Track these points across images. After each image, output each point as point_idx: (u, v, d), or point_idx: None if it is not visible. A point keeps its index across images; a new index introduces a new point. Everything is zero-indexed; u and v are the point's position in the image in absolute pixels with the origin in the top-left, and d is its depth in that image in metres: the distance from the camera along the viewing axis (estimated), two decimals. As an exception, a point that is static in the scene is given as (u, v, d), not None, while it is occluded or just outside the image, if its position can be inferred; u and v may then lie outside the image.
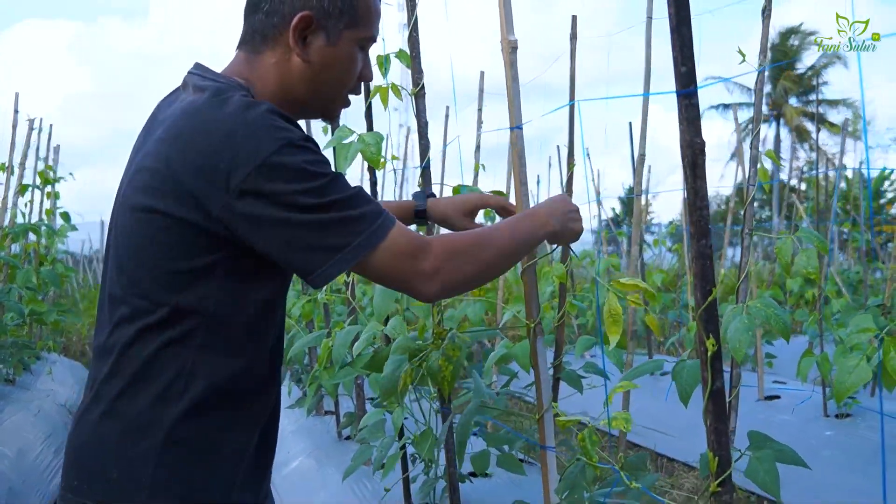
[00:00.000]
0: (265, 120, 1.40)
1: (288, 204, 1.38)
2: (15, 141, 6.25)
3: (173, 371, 1.45)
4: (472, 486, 3.27)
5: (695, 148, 1.28)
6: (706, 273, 1.28)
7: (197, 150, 1.40)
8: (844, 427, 5.00)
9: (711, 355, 1.29)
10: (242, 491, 1.53)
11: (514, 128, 1.91)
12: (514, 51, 1.94)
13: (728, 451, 1.32)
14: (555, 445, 1.90)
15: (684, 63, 1.27)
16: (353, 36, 1.59)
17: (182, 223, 1.42)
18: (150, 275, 1.47)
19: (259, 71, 1.58)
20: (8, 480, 4.44)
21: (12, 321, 6.03)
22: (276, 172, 1.37)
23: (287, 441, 4.84)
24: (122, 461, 1.46)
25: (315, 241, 1.39)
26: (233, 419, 1.51)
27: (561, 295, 3.74)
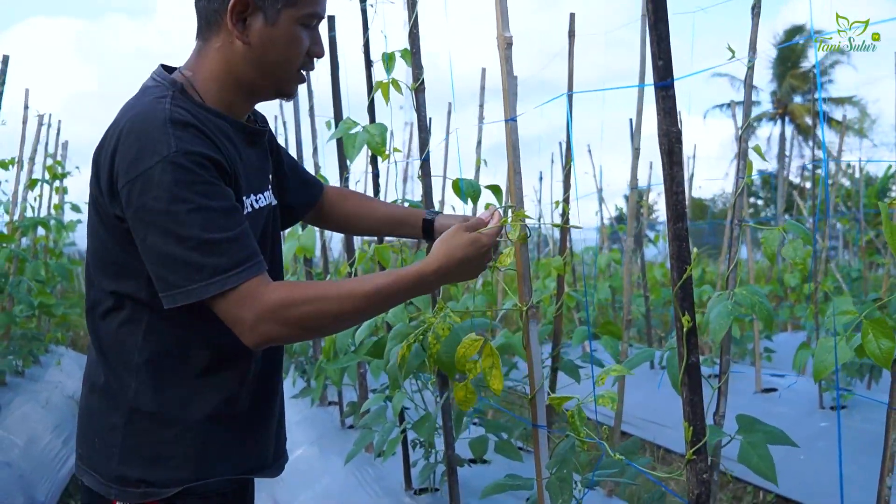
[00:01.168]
0: (155, 131, 1.46)
1: (149, 223, 1.45)
2: (25, 136, 6.36)
3: (129, 349, 1.58)
4: (470, 472, 3.36)
5: (671, 136, 1.37)
6: (682, 253, 1.37)
7: (105, 153, 1.52)
8: (842, 419, 5.08)
9: (687, 331, 1.37)
10: (215, 463, 1.63)
11: (509, 120, 2.00)
12: (510, 47, 2.02)
13: (703, 421, 1.40)
14: (546, 425, 1.98)
15: (661, 57, 1.36)
16: (292, 14, 1.59)
17: (108, 218, 1.54)
18: (98, 266, 1.60)
19: (206, 58, 1.63)
20: (18, 468, 4.55)
21: (22, 313, 6.13)
22: (147, 187, 1.43)
23: (291, 431, 4.92)
24: (100, 430, 1.61)
25: (161, 271, 1.46)
26: (192, 390, 1.60)
27: (559, 287, 3.83)
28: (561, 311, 3.82)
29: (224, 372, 1.64)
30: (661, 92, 1.37)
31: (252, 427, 1.70)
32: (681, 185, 1.38)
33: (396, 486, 3.41)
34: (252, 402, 1.70)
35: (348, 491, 3.58)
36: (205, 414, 1.61)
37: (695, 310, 1.39)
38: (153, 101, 1.53)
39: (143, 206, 1.44)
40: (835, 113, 38.30)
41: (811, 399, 5.38)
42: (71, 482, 5.11)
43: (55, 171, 6.99)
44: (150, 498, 1.57)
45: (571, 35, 3.81)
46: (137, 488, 1.57)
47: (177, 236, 1.43)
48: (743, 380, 6.24)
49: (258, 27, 1.58)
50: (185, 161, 1.44)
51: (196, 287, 1.44)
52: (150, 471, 1.57)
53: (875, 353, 2.02)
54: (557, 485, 1.93)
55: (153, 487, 1.57)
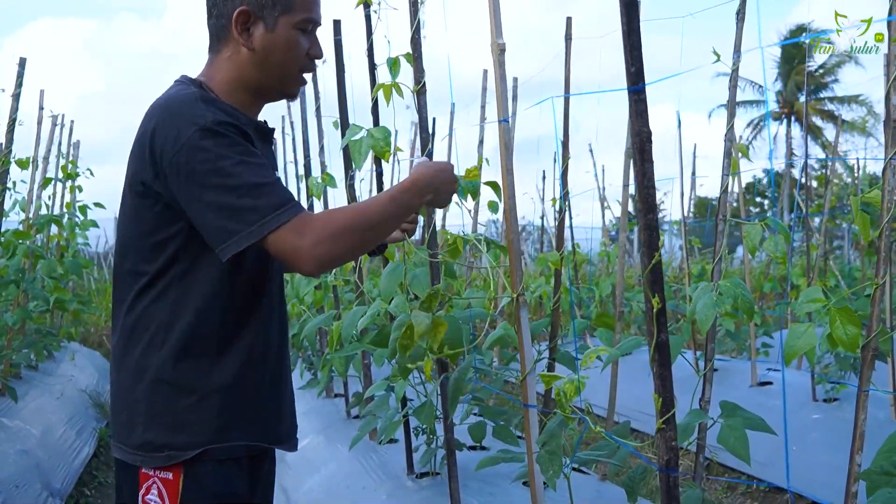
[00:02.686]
0: (189, 108, 1.69)
1: (201, 184, 1.64)
2: (40, 136, 6.52)
3: (155, 325, 1.77)
4: (469, 457, 3.50)
5: (642, 136, 1.52)
6: (652, 241, 1.52)
7: (144, 138, 1.72)
8: (832, 410, 5.23)
9: (656, 311, 1.52)
10: (231, 429, 1.79)
11: (502, 120, 2.15)
12: (503, 53, 2.17)
13: (671, 393, 1.55)
14: (538, 406, 2.13)
15: (633, 64, 1.51)
16: (290, 21, 1.82)
17: (149, 199, 1.74)
18: (133, 250, 1.79)
19: (218, 67, 1.86)
20: (35, 457, 4.71)
21: (37, 308, 6.30)
22: (193, 155, 1.64)
23: (299, 421, 5.07)
24: (127, 403, 1.80)
25: (220, 222, 1.64)
26: (212, 363, 1.78)
27: (556, 280, 3.98)
28: (559, 305, 3.96)
29: (239, 346, 1.81)
30: (633, 96, 1.52)
31: (263, 399, 1.87)
32: (651, 181, 1.53)
33: (399, 471, 3.56)
34: (264, 377, 1.87)
35: (353, 476, 3.73)
36: (221, 384, 1.78)
37: (664, 293, 1.53)
38: (180, 90, 1.77)
39: (192, 171, 1.64)
40: (841, 112, 38.32)
41: (804, 392, 5.52)
42: (85, 472, 5.28)
43: (69, 170, 7.15)
44: (172, 461, 1.74)
45: (568, 39, 3.94)
46: (161, 452, 1.74)
47: (228, 188, 1.63)
48: (739, 374, 6.39)
49: (260, 34, 1.82)
50: (220, 129, 1.65)
51: (255, 228, 1.63)
52: (173, 436, 1.75)
53: (842, 339, 2.16)
54: (547, 458, 2.08)
55: (175, 451, 1.74)
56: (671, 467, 1.58)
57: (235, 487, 1.81)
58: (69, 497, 4.72)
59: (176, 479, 1.75)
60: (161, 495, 1.75)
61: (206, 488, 1.76)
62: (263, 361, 1.86)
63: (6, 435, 4.77)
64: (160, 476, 1.75)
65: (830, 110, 38.76)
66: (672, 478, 1.59)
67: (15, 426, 5.01)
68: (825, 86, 40.43)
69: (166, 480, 1.75)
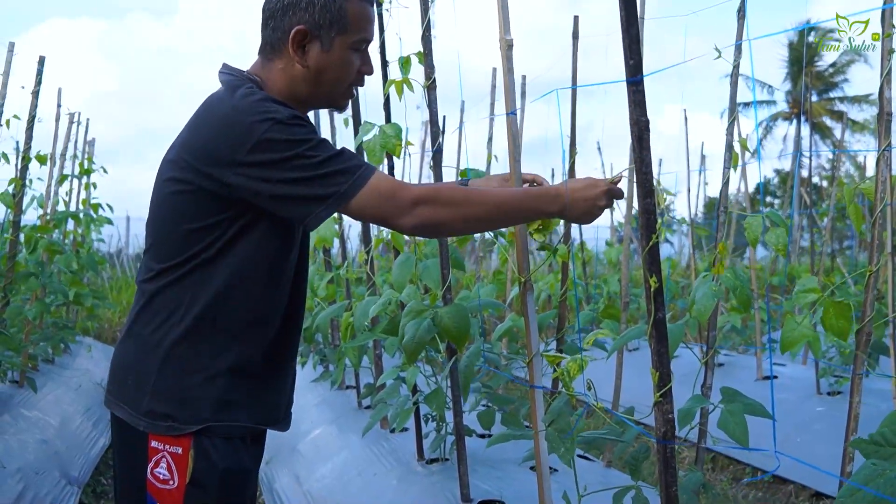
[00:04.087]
0: (258, 105, 1.76)
1: (283, 170, 1.74)
2: (57, 134, 6.65)
3: (174, 305, 1.86)
4: (478, 444, 3.60)
5: (640, 125, 1.61)
6: (650, 224, 1.61)
7: (208, 132, 1.81)
8: (835, 403, 5.31)
9: (654, 291, 1.62)
10: (235, 409, 1.88)
11: (510, 113, 2.25)
12: (510, 48, 2.26)
13: (668, 368, 1.64)
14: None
15: (632, 57, 1.60)
16: (345, 41, 1.89)
17: (193, 191, 1.82)
18: (164, 234, 1.89)
19: (271, 74, 1.93)
20: (54, 446, 4.83)
21: (54, 302, 6.42)
22: (270, 146, 1.73)
23: (311, 412, 5.20)
24: (135, 371, 1.89)
25: (309, 192, 1.75)
26: (222, 346, 1.87)
27: (563, 273, 4.07)
28: (566, 297, 4.06)
29: (251, 331, 1.90)
30: (632, 87, 1.61)
31: (268, 383, 1.97)
32: (649, 167, 1.62)
33: (409, 457, 3.66)
34: (270, 362, 1.96)
35: (364, 463, 3.83)
36: (229, 366, 1.88)
37: (661, 273, 1.62)
38: (246, 89, 1.83)
39: (271, 161, 1.73)
40: (851, 111, 38.25)
41: (809, 386, 5.61)
42: (102, 461, 5.38)
43: (85, 167, 7.27)
44: (173, 432, 1.84)
45: (575, 38, 4.04)
46: (164, 422, 1.84)
47: (313, 163, 1.74)
48: (744, 368, 6.47)
49: (315, 53, 1.88)
50: (291, 121, 1.75)
51: (347, 186, 1.74)
52: (177, 409, 1.84)
53: (834, 328, 2.25)
54: (556, 436, 2.17)
55: (177, 423, 1.84)
56: (668, 438, 1.67)
57: (243, 463, 1.90)
58: (86, 485, 4.82)
59: (185, 453, 1.83)
60: (170, 468, 1.83)
61: (215, 464, 1.84)
62: (273, 348, 1.95)
63: (26, 424, 4.88)
64: (170, 451, 1.84)
65: (840, 110, 38.65)
66: (669, 448, 1.68)
67: (34, 416, 5.13)
68: (834, 85, 40.35)
69: (175, 455, 1.83)
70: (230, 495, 1.89)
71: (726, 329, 6.64)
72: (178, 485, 1.83)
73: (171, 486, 1.83)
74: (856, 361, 2.34)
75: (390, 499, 3.35)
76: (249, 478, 1.96)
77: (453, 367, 2.95)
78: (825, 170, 32.89)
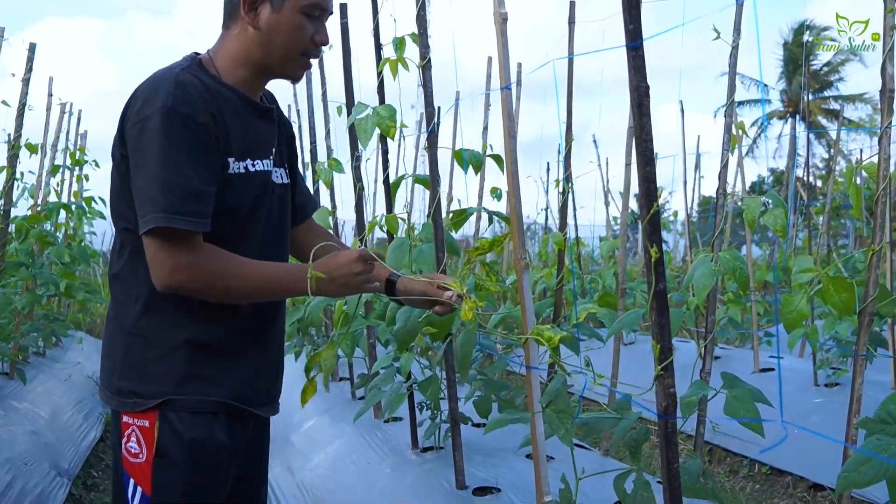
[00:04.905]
0: (162, 86, 1.78)
1: (137, 160, 1.76)
2: (48, 123, 6.58)
3: (131, 280, 1.88)
4: (473, 434, 3.55)
5: (640, 91, 1.57)
6: (650, 193, 1.56)
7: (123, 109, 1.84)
8: (832, 395, 5.27)
9: (655, 261, 1.57)
10: (199, 383, 1.87)
11: (504, 88, 2.20)
12: (505, 22, 2.22)
13: (669, 341, 1.59)
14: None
15: (632, 22, 1.56)
16: (295, 4, 1.88)
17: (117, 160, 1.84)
18: (113, 208, 1.91)
19: (226, 43, 1.94)
20: (44, 437, 4.77)
21: (45, 293, 6.36)
22: (144, 130, 1.74)
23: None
24: (109, 351, 1.93)
25: (138, 200, 1.75)
26: (183, 319, 1.87)
27: (559, 261, 4.03)
28: (562, 286, 4.01)
29: (204, 307, 1.87)
30: (631, 52, 1.57)
31: (235, 362, 1.94)
32: (649, 134, 1.57)
33: (403, 446, 3.62)
34: (234, 339, 1.94)
35: (358, 452, 3.78)
36: (187, 339, 1.87)
37: (661, 243, 1.58)
38: (168, 68, 1.86)
39: (137, 145, 1.76)
40: (846, 110, 38.25)
41: (807, 377, 5.57)
42: (92, 454, 5.33)
43: (77, 157, 7.21)
44: (139, 408, 1.84)
45: (571, 22, 4.01)
46: (129, 398, 1.85)
47: (152, 173, 1.73)
48: (741, 361, 6.43)
49: (266, 14, 1.88)
50: (174, 116, 1.74)
51: (150, 217, 1.72)
52: (140, 385, 1.85)
53: (837, 304, 2.21)
54: (555, 417, 2.12)
55: (141, 398, 1.84)
56: (669, 413, 1.62)
57: (214, 436, 1.89)
58: (76, 477, 4.76)
59: (151, 426, 1.84)
60: (139, 442, 1.85)
61: (181, 435, 1.84)
62: (234, 323, 1.92)
63: (16, 416, 4.83)
64: (138, 424, 1.85)
65: (836, 109, 38.68)
66: (671, 423, 1.64)
67: (24, 408, 5.08)
68: (830, 84, 40.39)
69: (143, 428, 1.85)
70: (201, 468, 1.87)
71: (723, 322, 6.60)
72: (147, 458, 1.85)
73: (140, 459, 1.85)
74: (858, 342, 2.30)
75: (384, 487, 3.31)
76: (224, 453, 1.93)
77: (448, 351, 2.90)
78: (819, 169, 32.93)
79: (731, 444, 5.42)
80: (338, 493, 3.57)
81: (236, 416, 1.95)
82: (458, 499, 2.89)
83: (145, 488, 1.84)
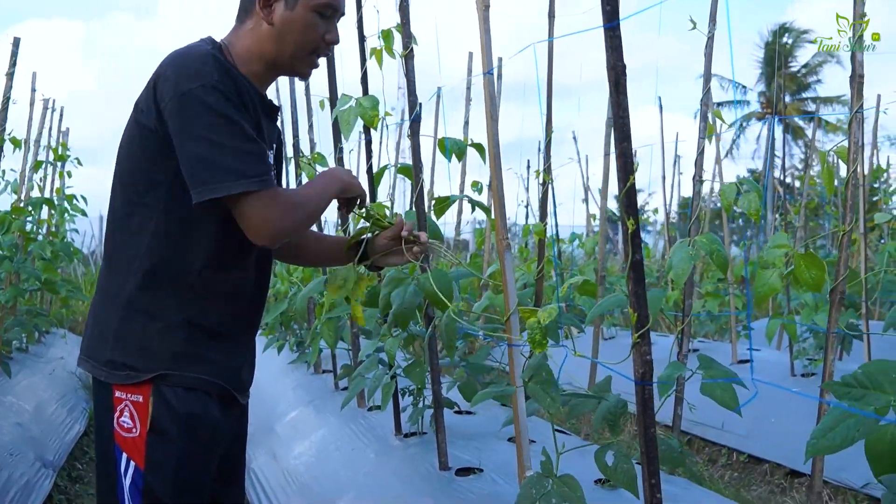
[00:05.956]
0: (198, 63, 1.81)
1: (191, 132, 1.77)
2: (32, 118, 6.59)
3: (133, 255, 1.90)
4: (456, 420, 3.61)
5: (617, 70, 1.63)
6: (626, 166, 1.63)
7: (152, 80, 1.84)
8: (809, 385, 5.36)
9: (632, 233, 1.63)
10: (194, 362, 1.91)
11: (486, 73, 2.26)
12: (487, 9, 2.28)
13: (646, 309, 1.66)
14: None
15: (609, 3, 1.62)
16: (308, 3, 1.93)
17: (147, 139, 1.85)
18: (123, 182, 1.92)
19: (240, 36, 1.98)
20: (29, 429, 4.80)
21: (28, 288, 6.37)
22: (191, 105, 1.76)
23: (288, 395, 5.20)
24: (98, 321, 1.95)
25: (199, 170, 1.77)
26: (185, 298, 1.91)
27: (540, 251, 4.09)
28: (542, 275, 4.08)
29: (210, 284, 1.93)
30: (608, 32, 1.63)
31: (228, 340, 1.99)
32: (626, 112, 1.64)
33: (387, 433, 3.66)
34: (231, 319, 1.99)
35: (342, 439, 3.83)
36: (188, 317, 1.91)
37: (638, 216, 1.64)
38: (198, 45, 1.89)
39: (186, 118, 1.76)
40: (822, 111, 38.57)
41: (783, 368, 5.66)
42: (77, 447, 5.35)
43: (59, 153, 7.22)
44: (132, 381, 1.87)
45: (551, 17, 4.07)
46: (122, 371, 1.87)
47: (214, 143, 1.75)
48: (720, 353, 6.52)
49: (280, 11, 1.93)
50: (223, 89, 1.78)
51: (230, 184, 1.76)
52: (135, 358, 1.88)
53: (807, 280, 2.28)
54: (539, 389, 2.18)
55: (134, 371, 1.87)
56: (646, 379, 1.68)
57: (208, 411, 1.93)
58: (62, 469, 4.79)
59: (145, 401, 1.86)
60: (132, 417, 1.87)
61: (175, 409, 1.87)
62: (231, 307, 1.98)
63: (1, 409, 4.85)
64: (131, 399, 1.87)
65: (812, 111, 38.99)
66: (647, 390, 1.70)
67: (8, 401, 5.10)
68: (807, 86, 40.70)
69: (136, 403, 1.87)
70: (194, 442, 1.91)
71: (703, 316, 6.69)
72: (140, 432, 1.87)
73: (134, 433, 1.87)
74: (830, 320, 2.38)
75: (368, 471, 3.35)
76: (218, 429, 1.97)
77: (431, 335, 2.96)
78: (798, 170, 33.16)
79: (709, 434, 5.51)
80: (322, 479, 3.61)
81: (226, 398, 2.01)
82: (442, 479, 2.94)
83: (138, 462, 1.87)
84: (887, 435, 1.58)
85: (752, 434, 5.16)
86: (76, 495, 4.60)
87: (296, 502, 3.59)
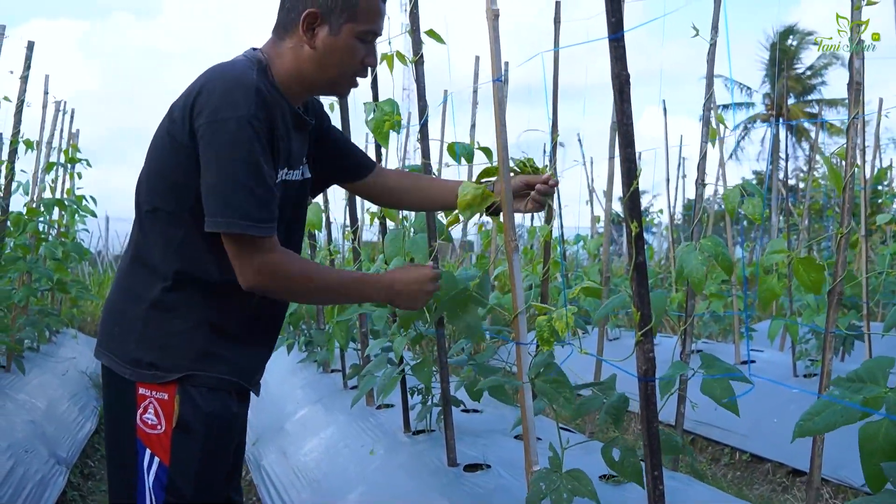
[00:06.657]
0: (240, 91, 1.84)
1: (214, 160, 1.82)
2: (44, 121, 6.68)
3: (161, 257, 1.96)
4: (465, 418, 3.68)
5: (621, 79, 1.70)
6: (630, 172, 1.70)
7: (191, 93, 1.88)
8: (811, 385, 5.42)
9: (635, 235, 1.71)
10: (216, 361, 1.98)
11: (496, 80, 2.33)
12: (496, 18, 2.35)
13: (649, 308, 1.73)
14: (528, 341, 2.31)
15: (614, 15, 1.70)
16: (352, 29, 1.96)
17: (176, 146, 1.89)
18: (152, 185, 1.97)
19: (280, 52, 2.00)
20: (41, 426, 4.88)
21: (40, 288, 6.45)
22: (222, 132, 1.81)
23: (297, 394, 5.29)
24: (122, 320, 2.00)
25: (211, 199, 1.83)
26: (208, 300, 1.97)
27: (545, 252, 4.16)
28: (548, 276, 4.15)
29: (230, 292, 1.97)
30: (613, 43, 1.70)
31: (246, 344, 2.06)
32: (630, 119, 1.71)
33: (395, 430, 3.74)
34: (249, 325, 2.06)
35: (351, 437, 3.90)
36: (210, 320, 1.97)
37: (641, 220, 1.71)
38: (245, 68, 1.92)
39: (213, 145, 1.82)
40: (827, 114, 38.54)
41: (786, 369, 5.73)
42: (88, 445, 5.43)
43: (70, 154, 7.30)
44: (158, 380, 1.93)
45: (557, 21, 4.15)
46: (148, 370, 1.93)
47: (229, 176, 1.82)
48: (723, 354, 6.57)
49: (323, 36, 1.96)
50: (256, 126, 1.83)
51: (224, 220, 1.82)
52: (160, 357, 1.94)
53: (806, 283, 2.35)
54: (550, 388, 2.25)
55: (159, 371, 1.93)
56: (649, 376, 1.76)
57: (229, 408, 2.01)
58: (74, 466, 4.87)
59: (171, 399, 1.92)
60: (157, 414, 1.93)
61: (200, 408, 1.94)
62: (251, 311, 2.04)
63: (15, 406, 4.93)
64: (156, 396, 1.93)
65: (816, 113, 38.97)
66: (650, 386, 1.77)
67: (21, 399, 5.18)
68: (812, 88, 40.71)
69: (161, 400, 1.93)
70: (216, 438, 1.98)
71: (706, 317, 6.75)
72: (166, 429, 1.93)
73: (159, 430, 1.93)
74: (828, 320, 2.44)
75: (377, 467, 3.42)
76: (236, 423, 2.06)
77: (440, 334, 3.03)
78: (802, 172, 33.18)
79: (712, 434, 5.57)
80: (331, 475, 3.69)
81: (241, 394, 2.09)
82: (450, 475, 3.01)
83: (163, 458, 1.93)
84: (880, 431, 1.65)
85: (755, 434, 5.23)
86: (89, 492, 4.68)
87: (306, 497, 3.66)
